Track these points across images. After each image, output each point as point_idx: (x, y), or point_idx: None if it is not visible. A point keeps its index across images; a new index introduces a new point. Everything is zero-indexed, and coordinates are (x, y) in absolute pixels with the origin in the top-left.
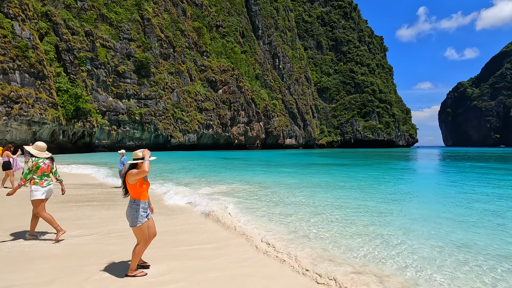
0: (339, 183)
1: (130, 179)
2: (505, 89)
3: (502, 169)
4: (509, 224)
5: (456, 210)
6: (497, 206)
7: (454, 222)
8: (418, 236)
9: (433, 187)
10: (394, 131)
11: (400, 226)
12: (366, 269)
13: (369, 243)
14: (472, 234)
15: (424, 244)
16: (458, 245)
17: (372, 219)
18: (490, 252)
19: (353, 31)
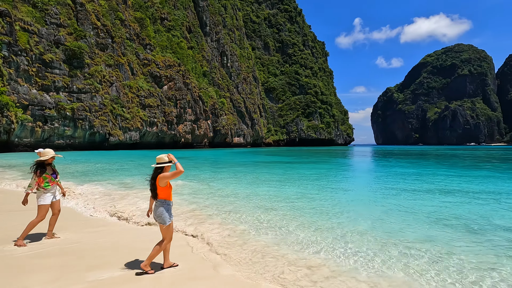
0: (284, 179)
1: (162, 181)
2: (422, 95)
3: (417, 163)
4: (421, 209)
5: (385, 198)
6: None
7: (380, 208)
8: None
9: (365, 179)
10: (334, 130)
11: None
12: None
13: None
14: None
15: (333, 222)
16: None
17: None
18: (408, 237)
19: (298, 35)
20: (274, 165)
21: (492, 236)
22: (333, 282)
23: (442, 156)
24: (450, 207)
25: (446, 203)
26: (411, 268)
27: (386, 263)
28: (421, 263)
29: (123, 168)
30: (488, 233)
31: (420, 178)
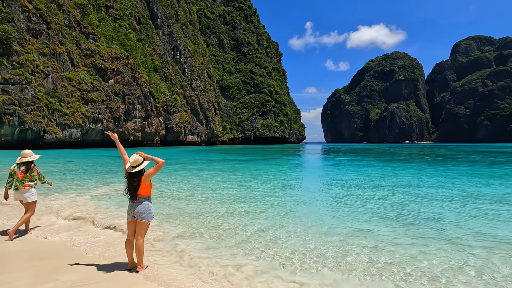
0: (237, 177)
1: (147, 180)
2: (366, 97)
3: (358, 159)
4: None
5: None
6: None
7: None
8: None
9: (312, 177)
10: (287, 129)
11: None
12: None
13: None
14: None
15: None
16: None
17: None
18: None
19: (253, 34)
20: (228, 163)
21: (420, 226)
22: (256, 280)
23: (382, 153)
24: (388, 200)
25: (385, 198)
26: (345, 266)
27: (317, 261)
28: (355, 260)
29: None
30: (415, 223)
31: (365, 174)
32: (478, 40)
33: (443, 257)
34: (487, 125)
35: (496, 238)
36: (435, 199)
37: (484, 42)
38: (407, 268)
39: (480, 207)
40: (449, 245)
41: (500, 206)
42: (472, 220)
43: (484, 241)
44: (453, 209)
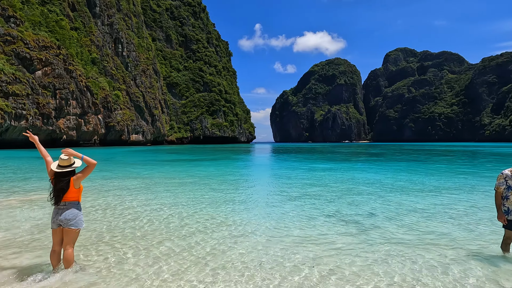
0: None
1: (77, 183)
2: (311, 99)
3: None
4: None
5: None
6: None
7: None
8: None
9: (259, 177)
10: (237, 128)
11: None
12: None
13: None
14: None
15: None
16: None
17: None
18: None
19: (202, 32)
20: (175, 164)
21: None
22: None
23: (325, 152)
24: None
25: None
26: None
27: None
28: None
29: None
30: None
31: (310, 172)
32: (405, 52)
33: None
34: (411, 127)
35: (425, 231)
36: (368, 193)
37: (409, 54)
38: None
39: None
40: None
41: (423, 199)
42: (408, 215)
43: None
44: (382, 201)
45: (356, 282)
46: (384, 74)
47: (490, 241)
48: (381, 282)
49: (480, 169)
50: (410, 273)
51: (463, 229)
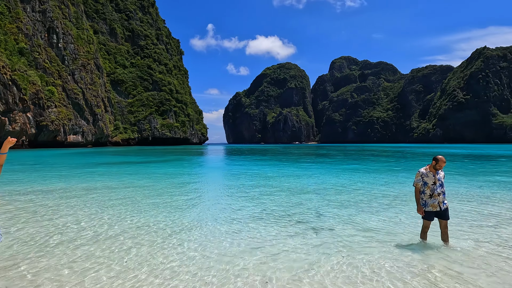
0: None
1: None
2: (264, 101)
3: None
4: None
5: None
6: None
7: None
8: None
9: (209, 179)
10: (189, 129)
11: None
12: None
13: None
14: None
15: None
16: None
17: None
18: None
19: (151, 27)
20: (117, 166)
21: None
22: None
23: (277, 153)
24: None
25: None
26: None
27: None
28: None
29: None
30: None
31: (260, 172)
32: (348, 60)
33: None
34: (354, 129)
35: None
36: (314, 192)
37: (352, 62)
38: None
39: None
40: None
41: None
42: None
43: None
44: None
45: (303, 279)
46: (330, 79)
47: (413, 232)
48: (322, 271)
49: (407, 166)
50: (347, 261)
51: (392, 222)
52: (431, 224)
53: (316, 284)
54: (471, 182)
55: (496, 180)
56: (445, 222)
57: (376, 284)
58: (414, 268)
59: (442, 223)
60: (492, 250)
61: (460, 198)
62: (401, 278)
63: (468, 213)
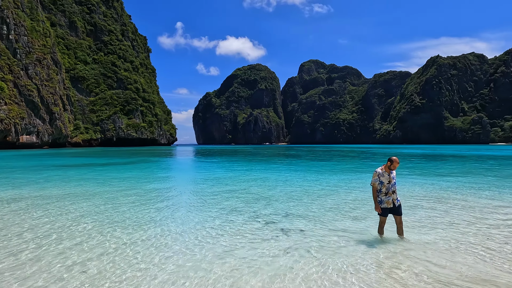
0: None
1: None
2: (234, 102)
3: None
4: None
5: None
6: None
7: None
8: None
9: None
10: (157, 130)
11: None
12: None
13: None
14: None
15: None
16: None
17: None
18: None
19: (116, 22)
20: (76, 169)
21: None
22: None
23: (247, 154)
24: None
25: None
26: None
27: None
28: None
29: None
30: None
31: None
32: (316, 63)
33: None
34: (322, 131)
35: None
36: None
37: (320, 65)
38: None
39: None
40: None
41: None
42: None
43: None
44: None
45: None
46: (299, 82)
47: (370, 227)
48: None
49: (367, 166)
50: (319, 262)
51: (352, 219)
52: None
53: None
54: (425, 179)
55: (447, 177)
56: (399, 217)
57: (346, 283)
58: (377, 262)
59: (397, 218)
60: (444, 241)
61: (415, 195)
62: (365, 271)
63: (421, 208)
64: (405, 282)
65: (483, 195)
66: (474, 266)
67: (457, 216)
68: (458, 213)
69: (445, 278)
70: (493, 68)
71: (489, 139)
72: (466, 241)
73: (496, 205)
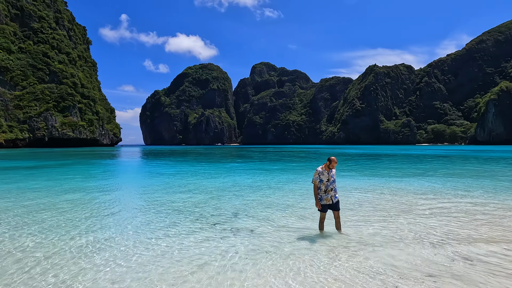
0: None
1: None
2: (185, 101)
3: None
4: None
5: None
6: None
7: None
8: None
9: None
10: (98, 129)
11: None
12: None
13: None
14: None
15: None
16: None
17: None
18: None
19: (48, 8)
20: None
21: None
22: None
23: (198, 153)
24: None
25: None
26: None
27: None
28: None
29: None
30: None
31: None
32: (267, 66)
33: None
34: (273, 132)
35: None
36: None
37: (271, 68)
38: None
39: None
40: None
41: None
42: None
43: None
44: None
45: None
46: (251, 83)
47: (311, 223)
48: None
49: (312, 165)
50: (268, 261)
51: (295, 216)
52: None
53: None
54: (363, 176)
55: (382, 174)
56: (337, 213)
57: (286, 278)
58: (316, 256)
59: (335, 214)
60: (380, 233)
61: (353, 191)
62: (305, 267)
63: (358, 203)
64: (343, 275)
65: (411, 189)
66: (407, 253)
67: (389, 209)
68: (391, 206)
69: (382, 270)
70: (419, 78)
71: (416, 140)
72: (399, 231)
73: (422, 197)
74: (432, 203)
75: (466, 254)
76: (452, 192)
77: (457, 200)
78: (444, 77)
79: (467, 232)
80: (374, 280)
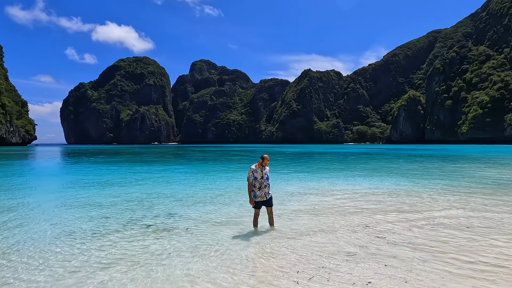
0: None
1: None
2: (117, 97)
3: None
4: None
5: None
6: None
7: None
8: None
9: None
10: (4, 125)
11: None
12: None
13: None
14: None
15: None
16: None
17: None
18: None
19: None
20: None
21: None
22: None
23: (130, 153)
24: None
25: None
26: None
27: None
28: None
29: None
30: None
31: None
32: (208, 64)
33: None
34: (213, 130)
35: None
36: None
37: (211, 66)
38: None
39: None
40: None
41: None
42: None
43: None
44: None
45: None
46: (191, 80)
47: (245, 219)
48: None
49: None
50: (201, 259)
51: (229, 213)
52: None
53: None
54: (296, 173)
55: (313, 170)
56: (270, 208)
57: (219, 273)
58: (249, 251)
59: (268, 209)
60: (309, 227)
61: (287, 187)
62: (238, 262)
63: (291, 199)
64: (276, 269)
65: (338, 184)
66: (336, 244)
67: (319, 203)
68: (320, 200)
69: (314, 261)
70: (346, 83)
71: (344, 140)
72: (324, 223)
73: (352, 191)
74: (352, 195)
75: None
76: (368, 183)
77: (372, 191)
78: (366, 84)
79: (380, 217)
80: (308, 262)
